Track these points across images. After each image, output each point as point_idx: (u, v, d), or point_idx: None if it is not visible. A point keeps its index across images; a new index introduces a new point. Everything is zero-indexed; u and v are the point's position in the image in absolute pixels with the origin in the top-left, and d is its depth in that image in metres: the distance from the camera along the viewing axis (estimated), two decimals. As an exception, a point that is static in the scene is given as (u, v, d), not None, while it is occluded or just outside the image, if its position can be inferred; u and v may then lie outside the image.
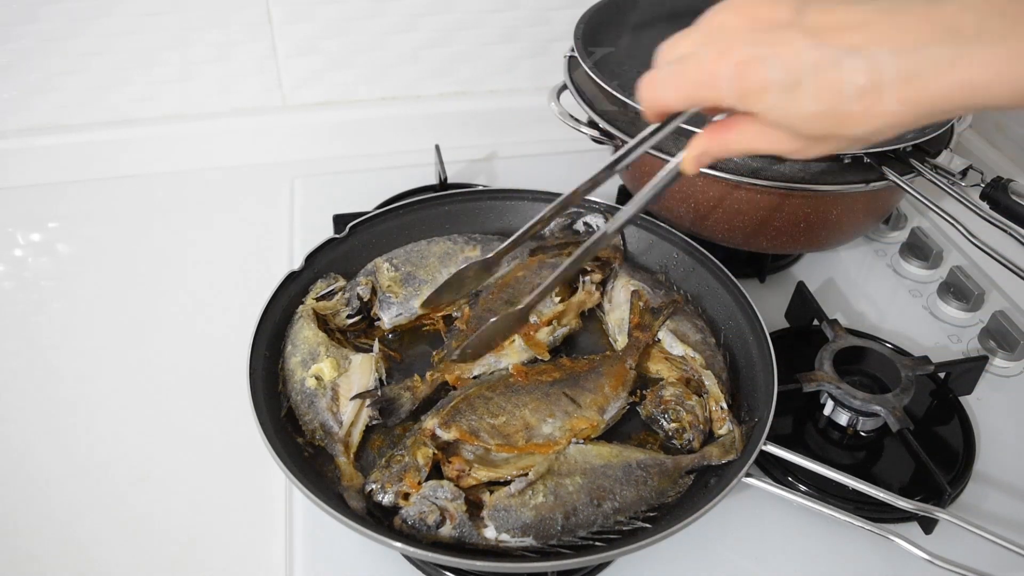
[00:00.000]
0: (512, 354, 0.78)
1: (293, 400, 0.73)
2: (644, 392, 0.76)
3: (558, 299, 0.82)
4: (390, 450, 0.69)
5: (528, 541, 0.62)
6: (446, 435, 0.68)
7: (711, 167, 0.81)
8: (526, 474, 0.66)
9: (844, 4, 0.42)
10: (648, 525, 0.64)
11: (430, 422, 0.69)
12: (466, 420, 0.69)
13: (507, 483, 0.66)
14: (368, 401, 0.72)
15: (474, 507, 0.64)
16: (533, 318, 0.79)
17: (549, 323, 0.80)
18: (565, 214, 0.93)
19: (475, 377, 0.76)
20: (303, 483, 0.62)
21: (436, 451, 0.68)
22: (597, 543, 0.63)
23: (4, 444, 0.85)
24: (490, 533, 0.62)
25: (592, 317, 0.86)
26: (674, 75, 0.47)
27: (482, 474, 0.67)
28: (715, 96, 0.45)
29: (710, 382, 0.75)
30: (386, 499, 0.65)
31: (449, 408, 0.70)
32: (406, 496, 0.65)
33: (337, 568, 0.69)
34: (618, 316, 0.83)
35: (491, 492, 0.65)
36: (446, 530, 0.62)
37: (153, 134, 1.15)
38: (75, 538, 0.77)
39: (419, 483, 0.65)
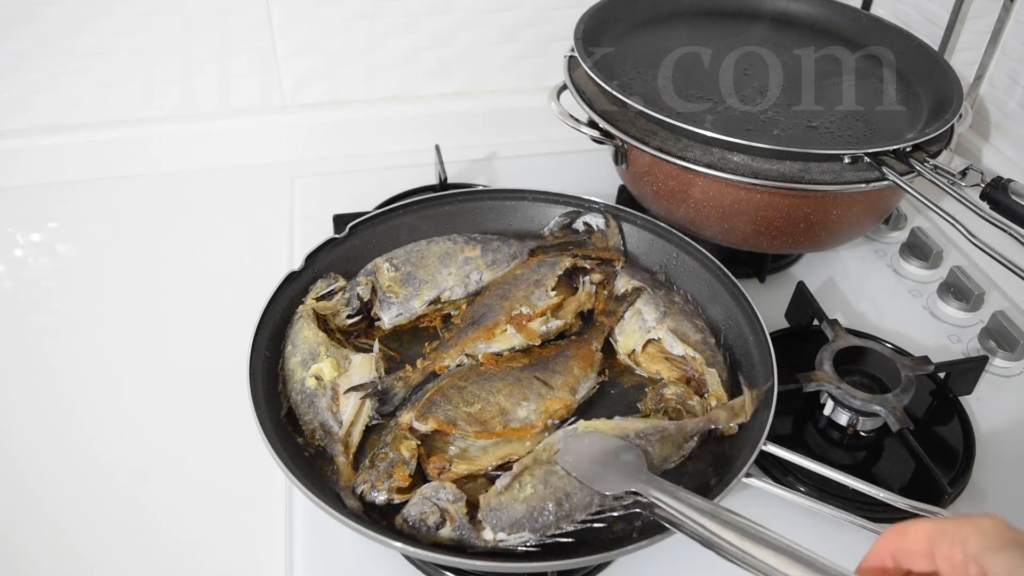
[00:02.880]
0: (503, 341, 0.78)
1: (293, 400, 0.73)
2: (646, 390, 0.76)
3: (553, 292, 0.82)
4: (371, 450, 0.69)
5: (524, 536, 0.61)
6: (424, 427, 0.69)
7: (709, 167, 0.81)
8: (509, 464, 0.66)
9: None
10: (655, 498, 0.60)
11: (406, 416, 0.70)
12: (442, 410, 0.70)
13: (492, 476, 0.66)
14: (362, 393, 0.72)
15: (475, 509, 0.64)
16: (525, 309, 0.80)
17: (542, 314, 0.81)
18: (564, 213, 0.94)
19: (459, 366, 0.77)
20: (303, 483, 0.62)
21: (419, 443, 0.68)
22: (595, 524, 0.61)
23: (3, 444, 0.85)
24: (488, 534, 0.62)
25: (591, 317, 0.86)
26: None
27: (462, 468, 0.67)
28: None
29: (713, 381, 0.75)
30: (380, 498, 0.65)
31: (424, 401, 0.71)
32: (400, 490, 0.65)
33: (337, 568, 0.69)
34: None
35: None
36: (446, 532, 0.62)
37: (153, 134, 1.15)
38: (75, 538, 0.77)
39: (409, 475, 0.65)
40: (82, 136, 1.14)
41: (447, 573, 0.68)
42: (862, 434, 0.78)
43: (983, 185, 0.78)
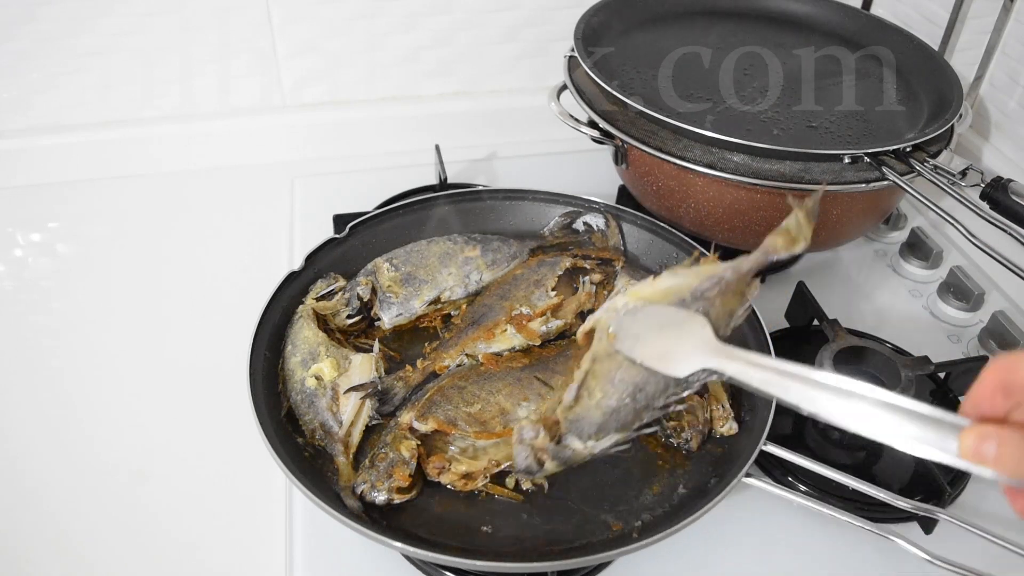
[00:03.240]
0: (504, 341, 0.78)
1: (293, 400, 0.73)
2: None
3: (553, 292, 0.82)
4: (371, 450, 0.70)
5: (612, 437, 0.59)
6: (424, 427, 0.69)
7: (710, 167, 0.81)
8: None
9: None
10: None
11: (406, 416, 0.70)
12: (442, 411, 0.70)
13: (502, 473, 0.67)
14: (362, 393, 0.72)
15: (557, 427, 0.61)
16: (525, 309, 0.80)
17: (542, 314, 0.81)
18: (564, 213, 0.94)
19: (459, 366, 0.77)
20: (303, 483, 0.62)
21: (419, 443, 0.68)
22: (677, 406, 0.58)
23: (3, 444, 0.85)
24: (578, 445, 0.59)
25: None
26: None
27: (462, 467, 0.67)
28: None
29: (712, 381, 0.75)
30: (380, 498, 0.65)
31: (424, 400, 0.71)
32: (400, 490, 0.65)
33: (337, 568, 0.69)
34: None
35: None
36: (549, 465, 0.60)
37: (153, 134, 1.15)
38: (75, 538, 0.77)
39: (409, 475, 0.66)
40: (82, 136, 1.14)
41: (447, 573, 0.68)
42: (862, 434, 0.78)
43: (983, 185, 0.78)
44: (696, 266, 0.59)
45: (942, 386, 0.84)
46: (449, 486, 0.67)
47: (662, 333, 0.58)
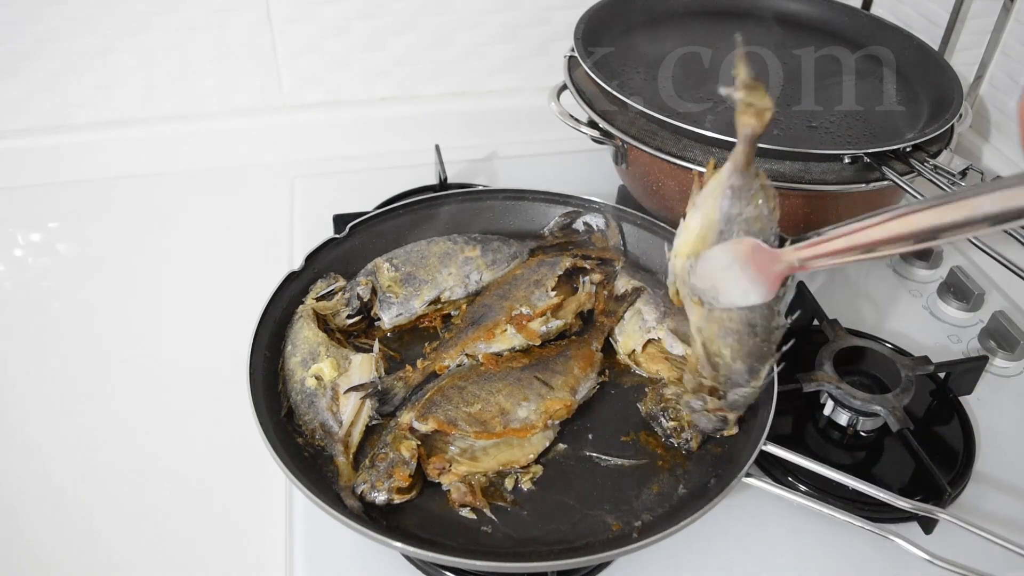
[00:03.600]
0: (504, 341, 0.78)
1: (293, 400, 0.73)
2: (646, 390, 0.76)
3: (553, 292, 0.82)
4: (371, 450, 0.70)
5: (766, 368, 0.63)
6: (424, 427, 0.69)
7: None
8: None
9: None
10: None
11: (407, 416, 0.70)
12: (442, 411, 0.70)
13: (502, 474, 0.68)
14: (362, 393, 0.72)
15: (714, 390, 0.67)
16: (525, 309, 0.80)
17: (543, 314, 0.81)
18: (564, 213, 0.94)
19: (459, 366, 0.77)
20: (303, 483, 0.62)
21: (419, 443, 0.68)
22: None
23: (4, 444, 0.85)
24: (745, 391, 0.65)
25: (591, 317, 0.86)
26: None
27: (463, 468, 0.67)
28: None
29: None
30: (380, 498, 0.65)
31: (424, 401, 0.71)
32: (400, 490, 0.65)
33: (337, 568, 0.69)
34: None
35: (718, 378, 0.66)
36: (731, 416, 0.68)
37: (153, 134, 1.15)
38: (75, 537, 0.77)
39: (409, 475, 0.66)
40: (82, 136, 1.14)
41: (447, 573, 0.68)
42: (862, 434, 0.78)
43: (983, 185, 0.78)
44: (705, 186, 0.61)
45: (942, 386, 0.84)
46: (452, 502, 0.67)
47: (729, 273, 0.60)
